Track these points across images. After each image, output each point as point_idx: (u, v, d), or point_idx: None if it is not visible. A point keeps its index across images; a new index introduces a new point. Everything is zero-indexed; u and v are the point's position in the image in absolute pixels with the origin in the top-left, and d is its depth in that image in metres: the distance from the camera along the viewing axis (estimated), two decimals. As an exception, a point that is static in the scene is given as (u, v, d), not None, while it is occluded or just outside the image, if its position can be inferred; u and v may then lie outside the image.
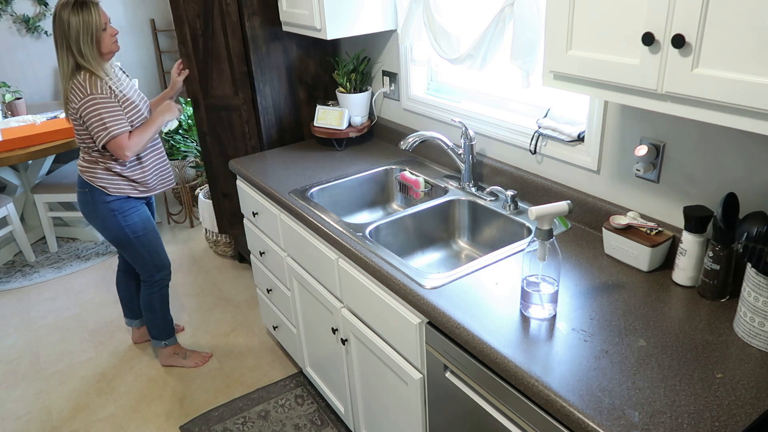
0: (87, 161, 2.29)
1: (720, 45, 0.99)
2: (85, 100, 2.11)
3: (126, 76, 2.37)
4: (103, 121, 2.12)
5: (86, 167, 2.29)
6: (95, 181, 2.27)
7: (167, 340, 2.67)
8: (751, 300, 1.19)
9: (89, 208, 2.34)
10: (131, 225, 2.36)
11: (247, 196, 2.42)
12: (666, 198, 1.52)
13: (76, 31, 2.07)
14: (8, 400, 2.59)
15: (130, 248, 2.42)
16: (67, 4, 2.07)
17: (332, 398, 2.25)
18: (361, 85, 2.53)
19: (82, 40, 2.09)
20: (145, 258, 2.45)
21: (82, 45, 2.10)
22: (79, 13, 2.07)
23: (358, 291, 1.75)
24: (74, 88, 2.12)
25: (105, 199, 2.29)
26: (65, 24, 2.06)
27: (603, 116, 1.61)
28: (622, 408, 1.06)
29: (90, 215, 2.36)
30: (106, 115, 2.12)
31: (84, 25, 2.08)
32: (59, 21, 2.07)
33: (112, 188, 2.30)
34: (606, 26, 1.17)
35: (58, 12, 2.07)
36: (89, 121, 2.13)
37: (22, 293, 3.42)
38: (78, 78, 2.12)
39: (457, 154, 2.02)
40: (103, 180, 2.28)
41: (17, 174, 3.85)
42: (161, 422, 2.42)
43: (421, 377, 1.56)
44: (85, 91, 2.11)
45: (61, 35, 2.09)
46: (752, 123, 1.00)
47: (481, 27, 1.83)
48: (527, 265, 1.32)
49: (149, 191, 2.40)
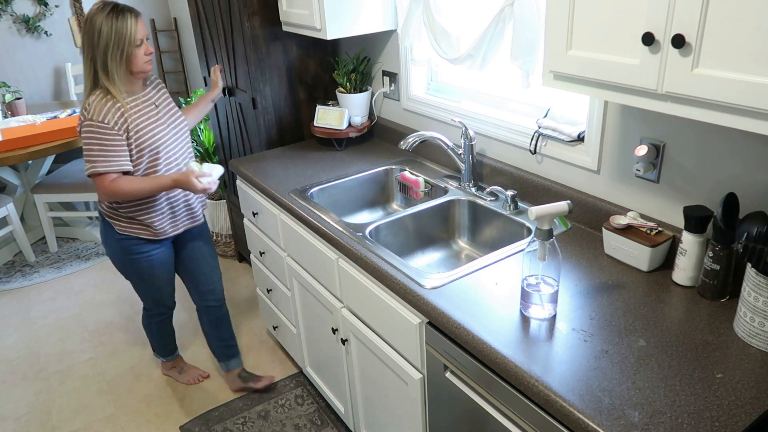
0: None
1: (720, 45, 0.99)
2: (84, 124, 1.87)
3: (162, 94, 2.09)
4: (91, 152, 1.87)
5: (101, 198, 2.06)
6: (106, 213, 2.07)
7: (164, 358, 2.61)
8: (751, 300, 1.19)
9: (102, 236, 2.15)
10: (137, 268, 2.16)
11: (247, 196, 2.42)
12: (666, 198, 1.52)
13: (105, 42, 1.81)
14: (8, 400, 2.59)
15: (133, 283, 2.27)
16: (102, 8, 1.82)
17: (332, 398, 2.25)
18: (361, 85, 2.53)
19: (111, 53, 1.83)
20: (144, 296, 2.32)
21: (109, 58, 1.83)
22: (113, 21, 1.81)
23: (358, 291, 1.75)
24: (84, 108, 1.89)
25: (114, 234, 2.08)
26: (95, 31, 1.81)
27: (603, 116, 1.61)
28: (622, 408, 1.06)
29: (103, 241, 2.17)
30: (97, 147, 1.86)
31: (116, 35, 1.81)
32: (89, 26, 1.82)
33: (120, 226, 2.06)
34: (606, 26, 1.17)
35: (91, 17, 1.82)
36: (83, 147, 1.89)
37: (22, 293, 3.42)
38: (92, 97, 1.87)
39: (457, 154, 2.02)
40: (111, 214, 2.05)
41: (17, 174, 3.85)
42: (161, 422, 2.42)
43: (421, 377, 1.56)
44: (87, 114, 1.86)
45: (89, 43, 1.83)
46: (752, 123, 1.00)
47: (481, 27, 1.83)
48: (527, 265, 1.32)
49: (157, 235, 2.09)
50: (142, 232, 2.07)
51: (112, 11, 1.81)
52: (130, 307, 3.21)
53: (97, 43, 1.82)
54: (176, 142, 2.04)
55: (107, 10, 1.81)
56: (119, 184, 1.90)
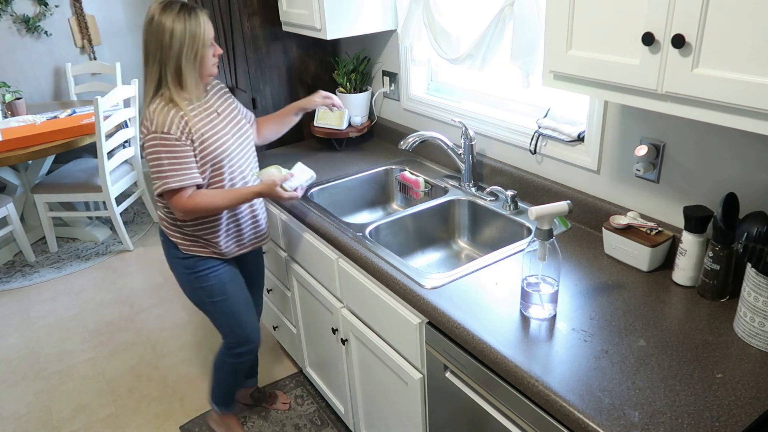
0: (162, 208, 1.88)
1: (720, 45, 0.99)
2: (148, 138, 1.68)
3: (224, 101, 1.90)
4: (161, 167, 1.69)
5: (162, 216, 1.89)
6: (168, 232, 1.88)
7: (222, 409, 2.24)
8: (751, 300, 1.19)
9: (166, 257, 1.96)
10: (206, 288, 1.92)
11: (247, 196, 2.42)
12: (666, 198, 1.52)
13: (179, 43, 1.65)
14: (8, 400, 2.59)
15: (205, 312, 2.01)
16: (169, 7, 1.65)
17: (332, 398, 2.25)
18: (361, 85, 2.53)
19: (185, 55, 1.67)
20: (224, 327, 2.02)
21: (183, 61, 1.67)
22: (185, 22, 1.65)
23: (358, 291, 1.75)
24: (145, 118, 1.70)
25: (177, 254, 1.89)
26: (166, 32, 1.63)
27: (603, 116, 1.61)
28: (622, 408, 1.06)
29: (169, 265, 1.97)
30: (167, 162, 1.68)
31: (190, 36, 1.65)
32: (157, 28, 1.64)
33: (184, 245, 1.87)
34: (606, 26, 1.17)
35: (157, 17, 1.64)
36: (150, 163, 1.71)
37: (22, 293, 3.42)
38: (152, 106, 1.69)
39: (457, 154, 2.02)
40: (178, 234, 1.87)
41: (17, 174, 3.85)
42: (161, 422, 2.42)
43: (421, 377, 1.56)
44: (152, 126, 1.67)
45: (157, 46, 1.65)
46: (752, 123, 0.99)
47: (481, 27, 1.83)
48: (527, 265, 1.32)
49: (223, 255, 1.91)
50: (207, 251, 1.89)
51: (182, 10, 1.65)
52: (130, 307, 3.21)
53: (169, 45, 1.64)
54: (241, 153, 1.86)
55: (176, 8, 1.65)
56: (198, 200, 1.74)
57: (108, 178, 3.55)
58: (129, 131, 3.75)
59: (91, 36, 4.55)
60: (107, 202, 3.63)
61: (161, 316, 3.12)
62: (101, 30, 4.60)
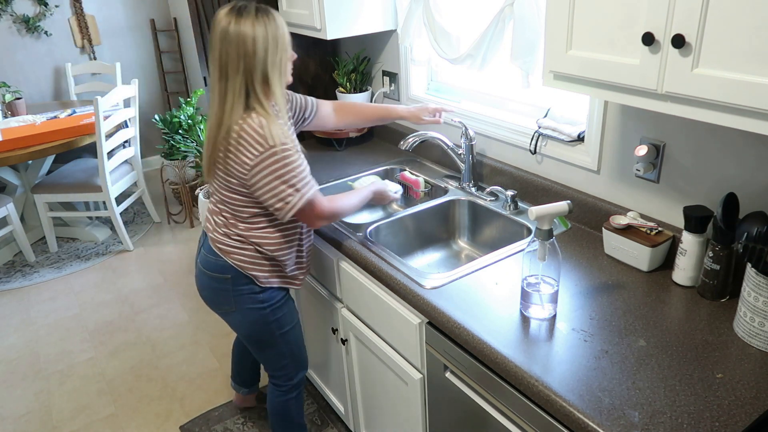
0: (234, 238, 1.64)
1: (720, 45, 0.99)
2: (268, 155, 1.47)
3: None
4: (292, 181, 1.51)
5: (232, 247, 1.65)
6: (247, 267, 1.66)
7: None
8: (751, 300, 1.19)
9: (224, 298, 1.71)
10: (280, 319, 1.77)
11: (247, 196, 2.42)
12: (666, 198, 1.52)
13: (264, 49, 1.47)
14: (8, 400, 2.59)
15: (270, 348, 1.82)
16: (245, 12, 1.47)
17: (332, 398, 2.25)
18: (361, 85, 2.53)
19: (271, 61, 1.49)
20: (286, 358, 1.85)
21: (269, 69, 1.49)
22: (266, 25, 1.47)
23: (358, 291, 1.75)
24: (247, 135, 1.47)
25: (252, 289, 1.69)
26: (248, 39, 1.45)
27: (603, 116, 1.61)
28: (622, 408, 1.06)
29: (224, 305, 1.73)
30: (297, 174, 1.52)
31: (272, 40, 1.48)
32: (237, 35, 1.45)
33: (263, 277, 1.69)
34: (606, 26, 1.17)
35: (234, 25, 1.46)
36: (269, 185, 1.50)
37: (22, 293, 3.42)
38: (252, 121, 1.48)
39: (457, 154, 2.02)
40: (256, 267, 1.67)
41: (17, 174, 3.85)
42: (161, 422, 2.42)
43: (421, 377, 1.56)
44: (266, 143, 1.46)
45: (239, 55, 1.46)
46: (752, 123, 1.00)
47: (481, 27, 1.83)
48: (527, 265, 1.32)
49: (293, 284, 1.78)
50: (284, 281, 1.74)
51: (259, 13, 1.48)
52: (130, 307, 3.21)
53: (252, 53, 1.46)
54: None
55: (252, 12, 1.47)
56: (336, 203, 1.63)
57: (108, 178, 3.55)
58: (129, 131, 3.75)
59: (91, 36, 4.55)
60: (107, 202, 3.63)
61: (161, 316, 3.12)
62: (101, 30, 4.60)
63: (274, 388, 1.93)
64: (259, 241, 1.64)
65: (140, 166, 3.99)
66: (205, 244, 1.73)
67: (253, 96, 1.50)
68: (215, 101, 1.53)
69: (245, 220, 1.62)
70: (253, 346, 1.84)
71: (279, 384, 1.91)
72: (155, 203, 4.34)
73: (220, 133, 1.52)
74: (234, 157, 1.51)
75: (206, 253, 1.70)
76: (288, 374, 1.90)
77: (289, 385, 1.91)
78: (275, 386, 1.92)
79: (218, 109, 1.52)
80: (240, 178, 1.53)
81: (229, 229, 1.65)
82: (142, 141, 4.73)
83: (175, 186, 4.16)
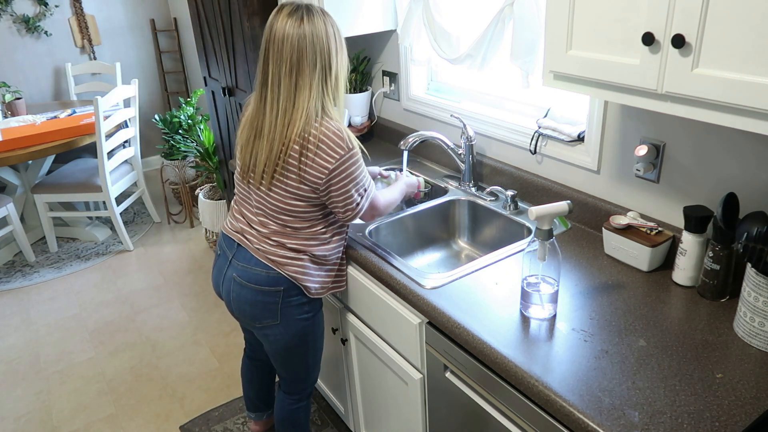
0: (292, 249, 1.58)
1: (720, 45, 0.99)
2: (345, 158, 1.47)
3: None
4: (362, 184, 1.54)
5: (286, 258, 1.58)
6: (301, 278, 1.60)
7: None
8: (751, 300, 1.19)
9: (270, 311, 1.63)
10: (317, 328, 1.75)
11: (247, 196, 2.42)
12: (666, 198, 1.52)
13: (336, 49, 1.47)
14: (8, 400, 2.59)
15: (300, 359, 1.76)
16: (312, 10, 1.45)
17: (332, 398, 2.25)
18: (361, 85, 2.53)
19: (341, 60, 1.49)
20: (310, 369, 1.82)
21: (340, 68, 1.50)
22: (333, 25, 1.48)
23: (358, 291, 1.75)
24: (328, 139, 1.45)
25: (300, 300, 1.64)
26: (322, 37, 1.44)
27: (603, 116, 1.61)
28: (622, 408, 1.06)
29: (267, 318, 1.64)
30: (365, 175, 1.55)
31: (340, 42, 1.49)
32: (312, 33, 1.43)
33: (315, 288, 1.64)
34: (606, 26, 1.17)
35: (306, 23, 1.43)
36: (344, 188, 1.50)
37: (22, 293, 3.42)
38: (331, 125, 1.47)
39: (457, 154, 2.02)
40: (310, 277, 1.62)
41: (17, 174, 3.85)
42: (161, 422, 2.42)
43: (421, 377, 1.56)
44: (346, 146, 1.46)
45: (314, 51, 1.43)
46: (752, 123, 1.00)
47: (480, 27, 1.83)
48: (527, 265, 1.32)
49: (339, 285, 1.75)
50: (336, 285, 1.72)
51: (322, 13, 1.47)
52: (130, 307, 3.21)
53: (328, 50, 1.45)
54: None
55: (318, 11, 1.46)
56: (386, 198, 1.69)
57: (108, 178, 3.55)
58: (129, 131, 3.75)
59: (91, 36, 4.55)
60: (107, 202, 3.63)
61: (161, 316, 3.12)
62: (101, 30, 4.60)
63: (285, 396, 1.88)
64: (316, 249, 1.60)
65: (140, 166, 3.99)
66: (240, 256, 1.62)
67: (327, 97, 1.48)
68: (278, 99, 1.46)
69: (305, 228, 1.57)
70: (284, 359, 1.76)
71: (292, 393, 1.87)
72: (155, 203, 4.34)
73: (291, 135, 1.46)
74: (312, 162, 1.46)
75: (248, 266, 1.60)
76: (305, 384, 1.86)
77: (303, 394, 1.88)
78: (287, 395, 1.88)
79: (285, 106, 1.46)
80: (314, 183, 1.48)
81: (283, 239, 1.57)
82: (142, 141, 4.74)
83: (175, 186, 4.17)
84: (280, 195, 1.53)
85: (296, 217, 1.55)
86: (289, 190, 1.51)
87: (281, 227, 1.57)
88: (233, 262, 1.64)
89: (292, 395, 1.87)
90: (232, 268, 1.64)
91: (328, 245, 1.62)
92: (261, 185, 1.55)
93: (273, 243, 1.58)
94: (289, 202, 1.53)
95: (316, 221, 1.58)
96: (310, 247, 1.59)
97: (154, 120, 4.00)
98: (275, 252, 1.58)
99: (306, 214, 1.55)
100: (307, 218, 1.56)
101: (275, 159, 1.49)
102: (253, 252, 1.59)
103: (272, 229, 1.58)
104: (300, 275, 1.60)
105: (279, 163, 1.49)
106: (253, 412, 2.18)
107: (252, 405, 2.17)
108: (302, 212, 1.54)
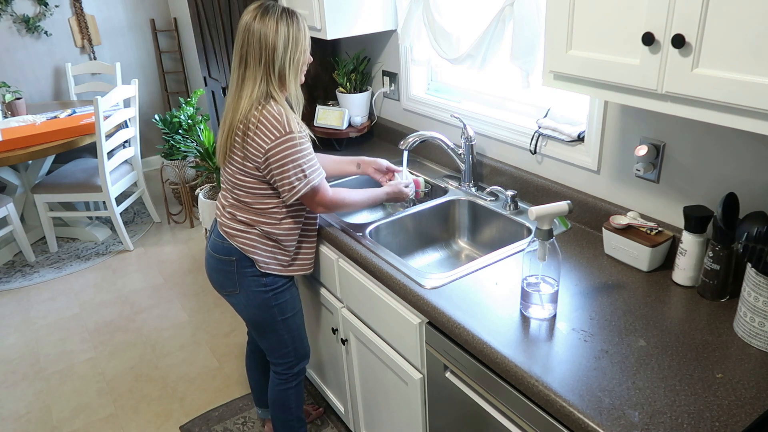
0: (242, 222, 1.73)
1: (720, 45, 0.99)
2: (283, 140, 1.59)
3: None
4: (301, 167, 1.63)
5: (236, 230, 1.73)
6: (249, 250, 1.73)
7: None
8: (751, 300, 1.19)
9: (229, 279, 1.79)
10: (281, 304, 1.83)
11: (247, 196, 2.42)
12: (666, 198, 1.52)
13: (284, 47, 1.60)
14: (8, 400, 2.59)
15: (272, 333, 1.87)
16: (271, 11, 1.60)
17: (332, 398, 2.25)
18: (361, 85, 2.53)
19: (289, 59, 1.62)
20: (287, 346, 1.91)
21: (288, 65, 1.62)
22: (289, 26, 1.61)
23: (358, 291, 1.75)
24: (266, 120, 1.59)
25: (254, 271, 1.76)
26: (270, 35, 1.58)
27: (603, 116, 1.61)
28: (622, 408, 1.06)
29: (228, 287, 1.81)
30: (305, 161, 1.63)
31: (293, 41, 1.62)
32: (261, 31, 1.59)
33: (263, 262, 1.76)
34: (606, 26, 1.17)
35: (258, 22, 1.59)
36: (282, 168, 1.61)
37: (22, 293, 3.42)
38: (271, 108, 1.60)
39: (457, 154, 2.02)
40: (258, 251, 1.74)
41: (17, 174, 3.85)
42: (161, 422, 2.42)
43: (421, 377, 1.56)
44: (283, 129, 1.59)
45: (260, 47, 1.59)
46: (752, 123, 1.00)
47: (481, 27, 1.83)
48: (527, 265, 1.32)
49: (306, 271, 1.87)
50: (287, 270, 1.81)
51: (284, 14, 1.61)
52: (130, 307, 3.21)
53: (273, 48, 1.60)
54: None
55: (278, 11, 1.61)
56: (342, 195, 1.75)
57: (108, 178, 3.55)
58: (129, 131, 3.75)
59: (91, 36, 4.55)
60: (107, 202, 3.63)
61: (161, 316, 3.12)
62: (101, 30, 4.60)
63: (275, 376, 1.99)
64: (267, 227, 1.73)
65: (140, 166, 3.99)
66: (214, 230, 1.82)
67: (271, 87, 1.63)
68: (234, 88, 1.66)
69: (255, 203, 1.71)
70: (257, 331, 1.90)
71: (280, 372, 1.97)
72: (155, 203, 4.34)
73: (237, 117, 1.63)
74: (251, 141, 1.61)
75: (215, 237, 1.80)
76: (289, 362, 1.95)
77: (290, 374, 1.97)
78: (276, 374, 1.98)
79: (237, 94, 1.64)
80: (255, 161, 1.63)
81: (235, 212, 1.74)
82: (142, 141, 4.73)
83: (175, 186, 4.16)
84: (232, 170, 1.71)
85: (247, 192, 1.70)
86: (237, 167, 1.68)
87: (236, 200, 1.74)
88: (211, 236, 1.84)
89: (279, 375, 1.97)
90: (209, 240, 1.84)
91: (280, 225, 1.74)
92: (224, 164, 1.74)
93: (228, 215, 1.76)
94: (239, 177, 1.69)
95: (266, 197, 1.71)
96: (259, 223, 1.73)
97: (154, 120, 4.00)
98: (228, 224, 1.75)
99: (255, 189, 1.69)
100: (256, 193, 1.70)
101: (226, 139, 1.67)
102: (218, 225, 1.79)
103: (230, 202, 1.76)
104: (248, 247, 1.74)
105: (229, 142, 1.67)
106: (260, 408, 2.28)
107: (257, 398, 2.26)
108: (251, 187, 1.69)
